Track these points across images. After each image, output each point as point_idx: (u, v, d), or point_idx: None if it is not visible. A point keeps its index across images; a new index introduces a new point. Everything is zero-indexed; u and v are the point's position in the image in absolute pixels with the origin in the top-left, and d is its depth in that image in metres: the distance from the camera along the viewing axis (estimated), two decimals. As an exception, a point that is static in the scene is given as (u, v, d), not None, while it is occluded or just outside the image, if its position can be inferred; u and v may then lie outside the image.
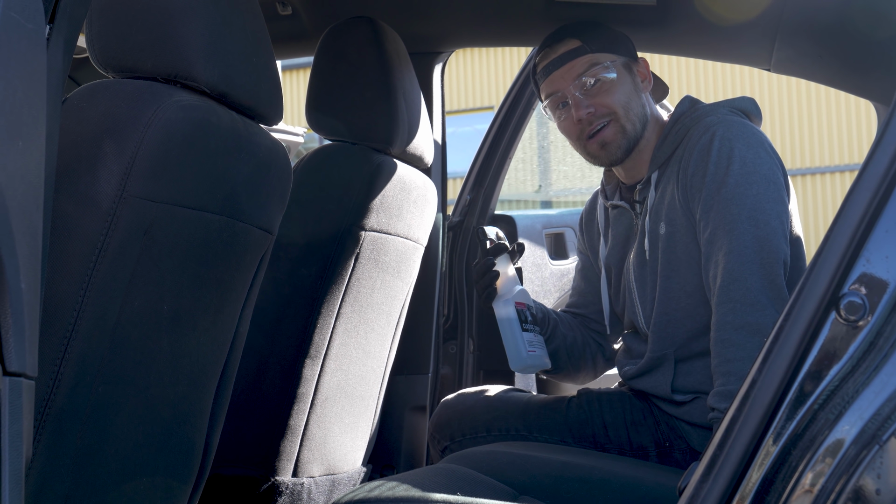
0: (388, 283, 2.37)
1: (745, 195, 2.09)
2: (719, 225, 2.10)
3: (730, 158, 2.11)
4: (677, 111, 2.33)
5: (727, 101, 2.32)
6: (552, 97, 2.33)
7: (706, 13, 2.40)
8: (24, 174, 1.06)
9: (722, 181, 2.11)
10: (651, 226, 2.26)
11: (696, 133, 2.20)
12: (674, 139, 2.27)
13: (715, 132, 2.15)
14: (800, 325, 1.23)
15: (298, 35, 2.73)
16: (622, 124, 2.28)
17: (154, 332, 1.59)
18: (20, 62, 1.05)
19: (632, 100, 2.30)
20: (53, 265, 1.39)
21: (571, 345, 2.53)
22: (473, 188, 3.24)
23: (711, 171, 2.12)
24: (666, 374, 2.27)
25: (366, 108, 2.26)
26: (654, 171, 2.29)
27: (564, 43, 2.31)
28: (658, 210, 2.25)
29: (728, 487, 1.26)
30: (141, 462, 1.66)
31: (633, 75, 2.33)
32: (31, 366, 1.07)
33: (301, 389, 2.21)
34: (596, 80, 2.27)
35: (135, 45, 1.55)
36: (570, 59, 2.29)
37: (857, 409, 1.21)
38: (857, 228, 1.22)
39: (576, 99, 2.28)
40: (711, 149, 2.13)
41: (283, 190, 1.82)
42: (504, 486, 1.96)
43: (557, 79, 2.31)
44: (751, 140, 2.14)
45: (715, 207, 2.11)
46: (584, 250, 2.62)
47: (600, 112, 2.27)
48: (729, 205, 2.09)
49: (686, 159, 2.19)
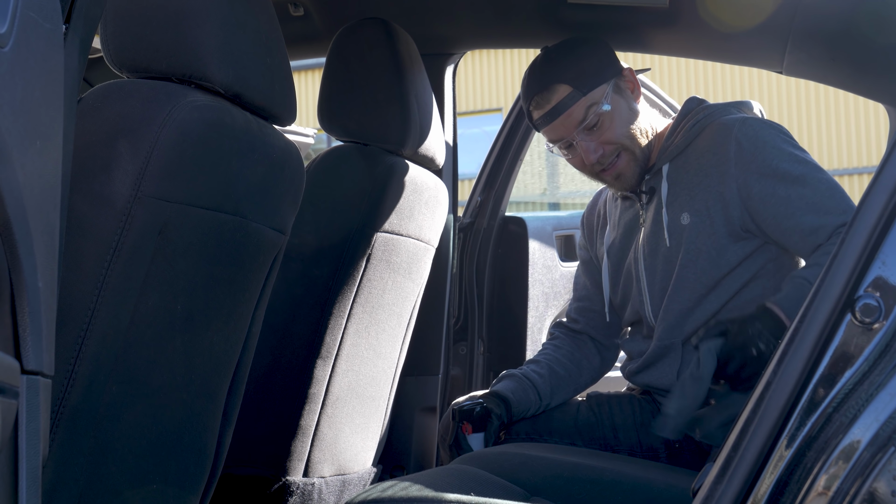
0: (399, 284, 2.37)
1: (817, 178, 2.16)
2: (804, 206, 2.13)
3: (785, 143, 2.19)
4: (685, 108, 2.35)
5: (734, 102, 2.37)
6: (557, 142, 2.34)
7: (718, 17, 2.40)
8: (42, 174, 1.06)
9: (787, 161, 2.16)
10: (671, 216, 2.27)
11: (732, 129, 2.22)
12: (687, 134, 2.28)
13: (754, 125, 2.21)
14: (815, 327, 1.23)
15: (311, 36, 2.74)
16: (632, 151, 2.31)
17: (167, 332, 1.59)
18: (38, 62, 1.05)
19: (632, 121, 2.31)
20: (68, 265, 1.40)
21: (573, 386, 2.53)
22: (484, 190, 3.24)
23: (771, 153, 2.17)
24: (672, 363, 2.28)
25: (378, 110, 2.26)
26: (665, 163, 2.30)
27: (554, 91, 2.28)
28: (677, 201, 2.26)
29: (742, 489, 1.26)
30: (154, 461, 1.66)
31: (624, 94, 2.32)
32: (48, 364, 1.08)
33: (312, 390, 2.22)
34: (595, 119, 2.27)
35: (149, 46, 1.56)
36: (566, 108, 2.27)
37: (872, 412, 1.21)
38: (873, 231, 1.22)
39: (582, 144, 2.29)
40: (761, 135, 2.19)
41: (296, 190, 1.82)
42: (515, 487, 1.96)
43: (558, 127, 2.30)
44: (786, 134, 2.23)
45: (789, 185, 2.15)
46: (585, 245, 2.63)
47: (608, 150, 2.29)
48: (812, 185, 2.15)
49: (734, 152, 2.20)
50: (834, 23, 2.25)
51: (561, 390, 2.48)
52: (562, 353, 2.54)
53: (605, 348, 2.57)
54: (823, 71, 2.51)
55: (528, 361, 2.55)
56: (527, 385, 2.41)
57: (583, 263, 2.62)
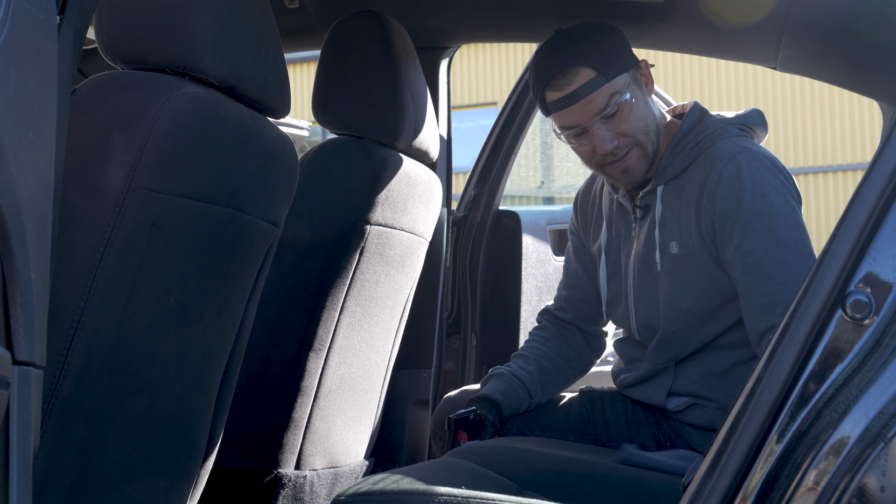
0: (392, 278, 2.37)
1: (785, 225, 2.11)
2: (766, 254, 2.10)
3: (764, 188, 2.12)
4: (687, 123, 2.26)
5: (738, 118, 2.28)
6: (569, 129, 2.23)
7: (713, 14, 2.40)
8: (35, 165, 1.06)
9: (760, 209, 2.11)
10: (662, 241, 2.23)
11: (719, 162, 2.17)
12: (684, 158, 2.23)
13: (741, 162, 2.15)
14: (805, 322, 1.24)
15: (305, 29, 2.73)
16: (644, 147, 2.23)
17: (160, 324, 1.59)
18: (32, 52, 1.05)
19: (647, 116, 2.24)
20: (61, 256, 1.40)
21: (562, 381, 2.52)
22: (478, 183, 3.24)
23: (748, 199, 2.12)
24: (664, 383, 2.27)
25: (372, 103, 2.26)
26: (660, 184, 2.25)
27: (577, 73, 2.18)
28: (668, 227, 2.23)
29: (732, 484, 1.26)
30: (145, 453, 1.66)
31: (640, 86, 2.25)
32: (40, 355, 1.08)
33: (304, 382, 2.22)
34: (615, 108, 2.18)
35: (144, 37, 1.56)
36: (589, 93, 2.17)
37: (862, 407, 1.21)
38: (864, 227, 1.23)
39: (599, 133, 2.19)
40: (742, 177, 2.13)
41: (289, 183, 1.82)
42: (507, 481, 1.96)
43: (577, 112, 2.19)
44: (773, 169, 2.16)
45: (757, 235, 2.11)
46: (577, 231, 2.55)
47: (623, 143, 2.20)
48: (775, 233, 2.11)
49: (709, 185, 2.17)
50: (831, 19, 2.25)
51: (550, 386, 2.47)
52: (549, 345, 2.51)
53: (592, 337, 2.55)
54: (818, 67, 2.51)
55: (514, 356, 2.52)
56: (516, 385, 2.41)
57: (575, 249, 2.54)
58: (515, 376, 2.42)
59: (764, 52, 2.48)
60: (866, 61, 2.33)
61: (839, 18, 2.22)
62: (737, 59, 2.73)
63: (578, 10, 2.49)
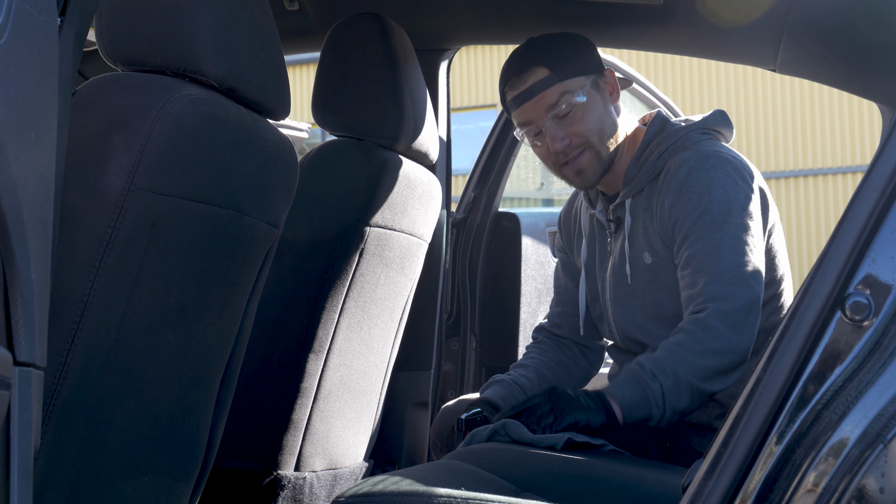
0: (391, 280, 2.37)
1: (726, 222, 2.13)
2: (701, 248, 2.13)
3: (710, 187, 2.16)
4: (649, 133, 2.30)
5: (700, 123, 2.30)
6: (526, 127, 2.30)
7: (712, 14, 2.40)
8: (36, 166, 1.06)
9: (704, 208, 2.14)
10: (633, 253, 2.26)
11: (673, 169, 2.21)
12: (649, 169, 2.26)
13: (691, 166, 2.18)
14: (805, 324, 1.24)
15: (305, 31, 2.74)
16: (597, 150, 2.27)
17: (160, 325, 1.59)
18: (33, 54, 1.05)
19: (604, 120, 2.28)
20: (61, 257, 1.40)
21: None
22: (478, 185, 3.24)
23: (694, 200, 2.15)
24: None
25: (372, 105, 2.26)
26: (628, 197, 2.29)
27: (532, 72, 2.25)
28: (637, 238, 2.26)
29: (731, 485, 1.26)
30: (145, 454, 1.66)
31: (601, 92, 2.29)
32: (41, 356, 1.08)
33: (304, 384, 2.22)
34: (568, 108, 2.24)
35: (144, 39, 1.56)
36: (541, 91, 2.24)
37: (861, 409, 1.21)
38: (864, 229, 1.23)
39: (550, 131, 2.25)
40: (690, 180, 2.17)
41: (289, 185, 1.82)
42: (506, 483, 1.96)
43: (529, 110, 2.27)
44: (727, 168, 2.19)
45: (697, 232, 2.14)
46: (564, 248, 2.59)
47: (575, 142, 2.25)
48: (715, 230, 2.13)
49: (663, 193, 2.21)
50: (830, 20, 2.25)
51: None
52: (548, 356, 2.53)
53: (590, 350, 2.56)
54: (816, 69, 2.51)
55: (514, 365, 2.53)
56: (516, 391, 2.41)
57: (563, 265, 2.59)
58: (515, 383, 2.42)
59: (763, 54, 2.48)
60: (865, 63, 2.33)
61: (838, 19, 2.22)
62: (736, 62, 2.73)
63: (576, 12, 2.50)
